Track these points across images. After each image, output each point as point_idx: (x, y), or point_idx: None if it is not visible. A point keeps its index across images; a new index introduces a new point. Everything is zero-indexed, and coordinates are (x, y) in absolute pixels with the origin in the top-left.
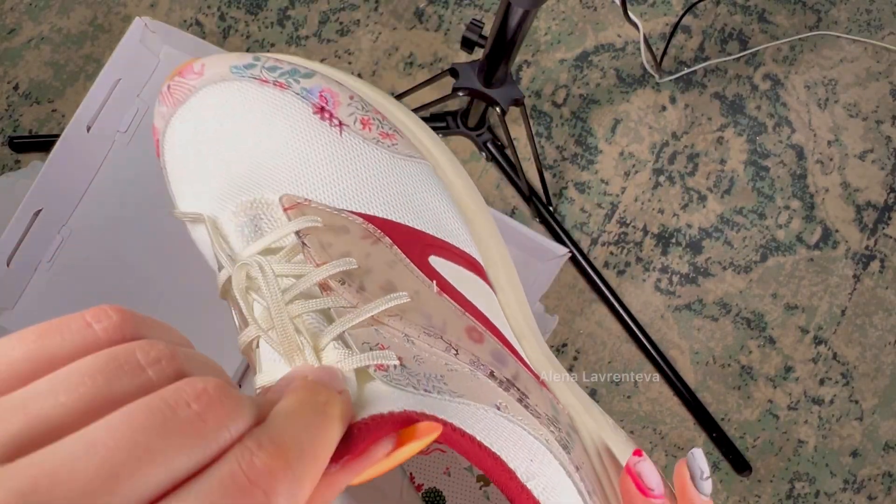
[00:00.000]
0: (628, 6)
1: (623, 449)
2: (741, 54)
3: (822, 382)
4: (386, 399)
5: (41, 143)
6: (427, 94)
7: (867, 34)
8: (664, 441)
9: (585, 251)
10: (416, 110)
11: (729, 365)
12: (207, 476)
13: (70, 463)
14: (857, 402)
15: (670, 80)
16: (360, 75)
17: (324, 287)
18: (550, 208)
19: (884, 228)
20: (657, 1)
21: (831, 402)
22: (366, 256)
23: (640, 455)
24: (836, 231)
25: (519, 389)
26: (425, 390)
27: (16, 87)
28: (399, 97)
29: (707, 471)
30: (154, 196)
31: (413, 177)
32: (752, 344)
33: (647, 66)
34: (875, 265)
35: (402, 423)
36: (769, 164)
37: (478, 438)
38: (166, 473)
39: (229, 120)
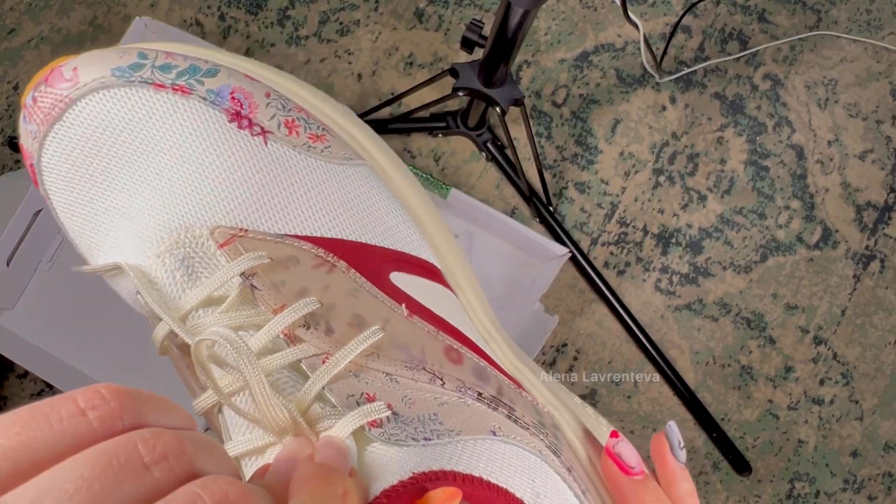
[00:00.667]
0: (628, 6)
1: (604, 430)
2: (741, 54)
3: (822, 382)
4: (390, 463)
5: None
6: (427, 94)
7: (867, 34)
8: None
9: (585, 251)
10: (415, 110)
11: (729, 365)
12: None
13: None
14: (857, 402)
15: (670, 80)
16: (360, 76)
17: (289, 337)
18: (550, 208)
19: (884, 228)
20: (657, 1)
21: (831, 402)
22: (325, 290)
23: (616, 437)
24: (836, 231)
25: (506, 405)
26: (425, 439)
27: (16, 87)
28: (399, 97)
29: (682, 441)
30: None
31: (353, 183)
32: (752, 344)
33: (647, 66)
34: (875, 265)
35: (414, 491)
36: (769, 164)
37: (485, 479)
38: None
39: (125, 139)
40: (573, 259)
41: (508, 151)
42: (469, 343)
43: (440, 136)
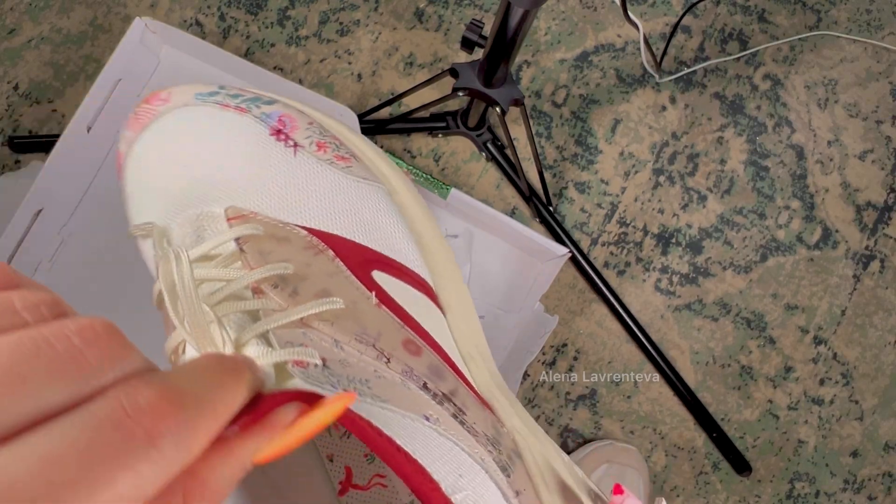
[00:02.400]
0: (628, 6)
1: (569, 472)
2: (741, 54)
3: (822, 382)
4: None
5: (41, 143)
6: (427, 94)
7: (867, 34)
8: (664, 441)
9: (585, 251)
10: (415, 110)
11: (729, 365)
12: (83, 410)
13: None
14: (857, 402)
15: (670, 80)
16: (360, 76)
17: (256, 291)
18: (550, 208)
19: (884, 228)
20: (657, 1)
21: (831, 402)
22: (305, 266)
23: (622, 493)
24: (836, 231)
25: (455, 405)
26: (345, 390)
27: (16, 87)
28: (399, 97)
29: None
30: None
31: (364, 197)
32: (752, 344)
33: (647, 66)
34: (875, 265)
35: (309, 399)
36: (769, 164)
37: (398, 442)
38: (36, 403)
39: (188, 140)
40: (573, 259)
41: (508, 151)
42: (437, 348)
43: (440, 136)
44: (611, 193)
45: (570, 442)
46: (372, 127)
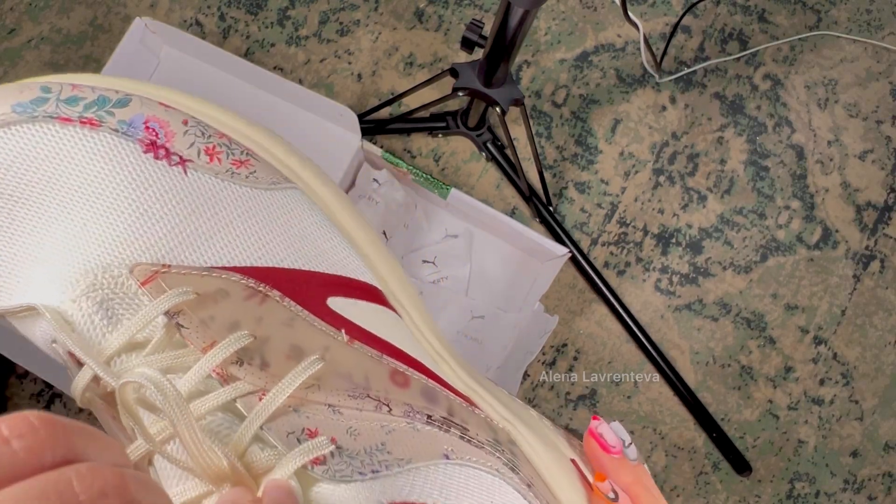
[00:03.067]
0: (628, 6)
1: (562, 441)
2: (741, 54)
3: (822, 382)
4: (339, 502)
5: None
6: (427, 94)
7: (867, 34)
8: (664, 441)
9: (585, 251)
10: (415, 110)
11: (729, 365)
12: (36, 477)
13: None
14: (857, 402)
15: (670, 80)
16: (360, 76)
17: (220, 375)
18: (550, 208)
19: (884, 228)
20: (657, 1)
21: (831, 402)
22: (258, 322)
23: (598, 420)
24: (836, 231)
25: (458, 425)
26: (373, 471)
27: None
28: (399, 97)
29: (629, 439)
30: None
31: (283, 209)
32: (752, 344)
33: (647, 66)
34: (875, 265)
35: None
36: (769, 164)
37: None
38: None
39: (30, 179)
40: (573, 259)
41: (508, 151)
42: (416, 364)
43: (440, 136)
44: (611, 193)
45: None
46: (372, 127)
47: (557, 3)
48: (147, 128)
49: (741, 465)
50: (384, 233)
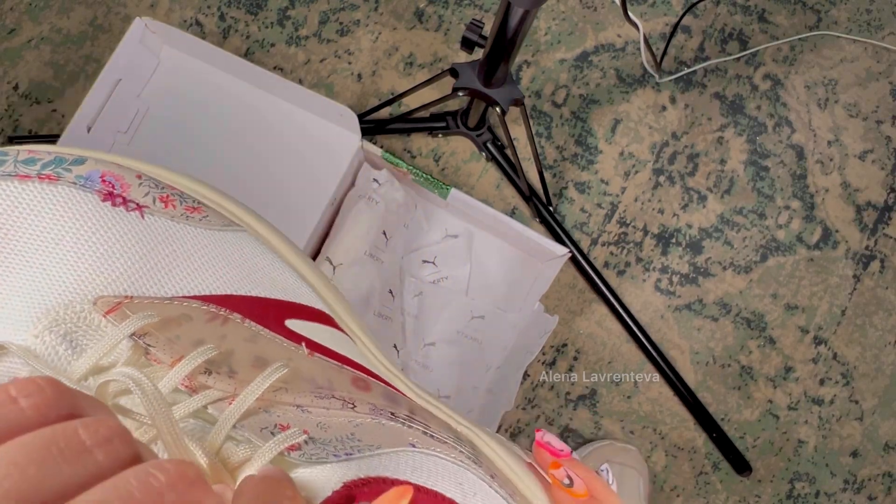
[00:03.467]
0: (628, 6)
1: (519, 453)
2: (741, 54)
3: (822, 382)
4: (318, 480)
5: (41, 143)
6: (427, 94)
7: (867, 34)
8: (664, 441)
9: (585, 251)
10: (415, 110)
11: (729, 365)
12: (122, 475)
13: None
14: (857, 402)
15: (670, 80)
16: (360, 76)
17: (189, 387)
18: (550, 208)
19: (884, 228)
20: (657, 1)
21: (831, 402)
22: (222, 339)
23: (541, 431)
24: (836, 231)
25: (420, 422)
26: (346, 454)
27: (16, 87)
28: (399, 97)
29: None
30: None
31: (236, 246)
32: (752, 344)
33: (647, 66)
34: (875, 265)
35: (350, 497)
36: (769, 164)
37: (413, 482)
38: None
39: None
40: (573, 259)
41: (508, 151)
42: (374, 375)
43: (440, 136)
44: (611, 193)
45: (571, 442)
46: (372, 127)
47: (557, 3)
48: (104, 181)
49: (741, 465)
50: (384, 233)
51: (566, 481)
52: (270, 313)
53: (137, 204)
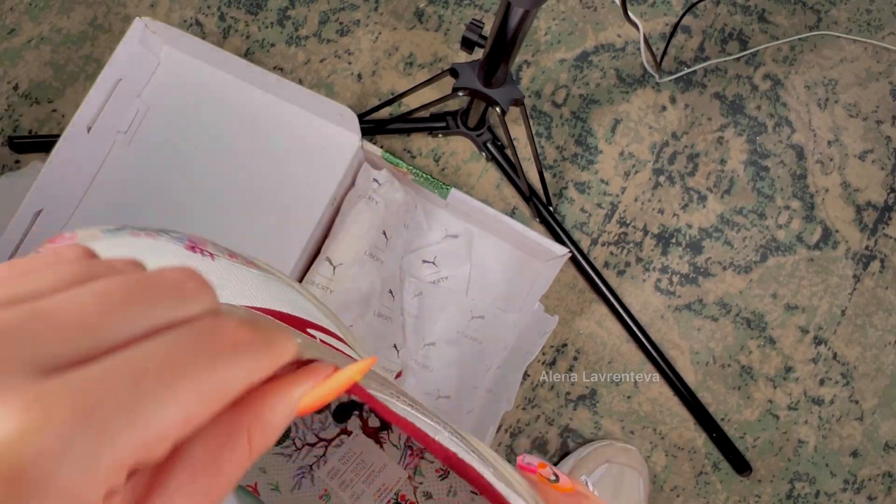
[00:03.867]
0: (628, 6)
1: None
2: (741, 54)
3: (822, 382)
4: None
5: (41, 144)
6: (427, 94)
7: (867, 34)
8: (664, 441)
9: (585, 251)
10: (415, 110)
11: (729, 365)
12: (184, 325)
13: (71, 299)
14: (857, 402)
15: (670, 80)
16: (360, 76)
17: None
18: (550, 208)
19: (884, 228)
20: (657, 1)
21: (831, 402)
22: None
23: (521, 456)
24: (836, 231)
25: (407, 399)
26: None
27: (16, 87)
28: (399, 97)
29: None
30: (155, 196)
31: (272, 282)
32: (752, 344)
33: (647, 66)
34: (875, 265)
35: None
36: (769, 164)
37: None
38: (147, 320)
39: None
40: (573, 259)
41: (508, 151)
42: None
43: (440, 136)
44: (611, 193)
45: (571, 442)
46: (372, 127)
47: (557, 3)
48: (189, 241)
49: (741, 465)
50: (384, 233)
51: (552, 477)
52: (296, 323)
53: (211, 253)
